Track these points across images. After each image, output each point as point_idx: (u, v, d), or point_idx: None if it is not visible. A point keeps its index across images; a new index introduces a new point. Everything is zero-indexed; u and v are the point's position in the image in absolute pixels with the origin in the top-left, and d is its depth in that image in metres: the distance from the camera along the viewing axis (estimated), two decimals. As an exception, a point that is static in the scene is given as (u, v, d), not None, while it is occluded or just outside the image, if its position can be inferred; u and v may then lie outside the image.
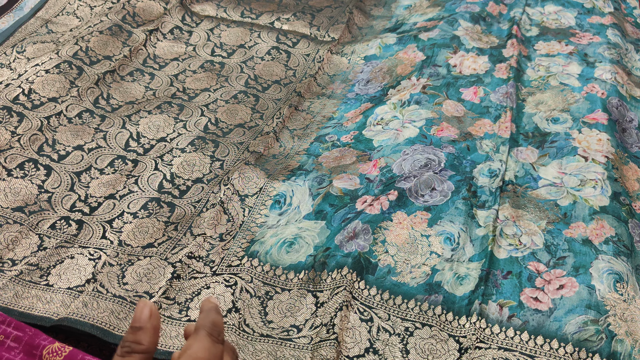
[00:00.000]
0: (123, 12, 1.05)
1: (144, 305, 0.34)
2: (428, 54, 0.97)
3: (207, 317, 0.35)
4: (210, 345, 0.34)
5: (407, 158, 0.75)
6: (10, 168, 0.74)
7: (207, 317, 0.35)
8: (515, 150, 0.79)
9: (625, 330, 0.56)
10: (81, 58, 0.93)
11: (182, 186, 0.75)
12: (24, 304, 0.60)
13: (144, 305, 0.34)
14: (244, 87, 0.95)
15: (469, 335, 0.57)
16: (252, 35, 1.06)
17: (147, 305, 0.34)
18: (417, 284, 0.61)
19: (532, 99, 0.88)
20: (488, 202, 0.70)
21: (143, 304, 0.34)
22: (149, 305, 0.34)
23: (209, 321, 0.35)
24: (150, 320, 0.33)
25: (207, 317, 0.35)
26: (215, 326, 0.35)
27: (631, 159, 0.78)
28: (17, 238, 0.67)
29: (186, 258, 0.65)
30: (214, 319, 0.35)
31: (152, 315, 0.34)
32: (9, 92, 0.83)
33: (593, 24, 1.06)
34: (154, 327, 0.33)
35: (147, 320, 0.33)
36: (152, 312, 0.34)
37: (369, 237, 0.65)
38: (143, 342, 0.33)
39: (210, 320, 0.35)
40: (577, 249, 0.64)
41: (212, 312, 0.36)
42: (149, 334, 0.33)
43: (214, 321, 0.35)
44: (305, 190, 0.74)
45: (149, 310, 0.34)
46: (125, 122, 0.85)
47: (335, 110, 0.90)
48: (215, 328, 0.35)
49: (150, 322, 0.33)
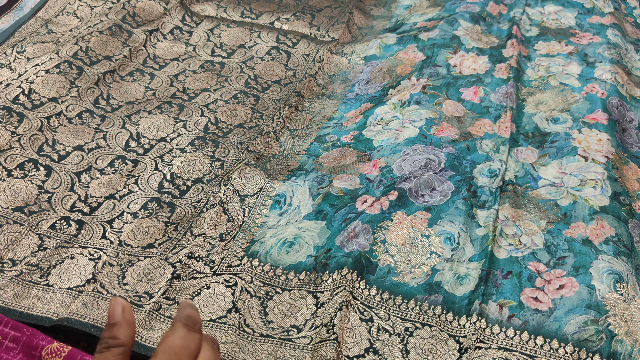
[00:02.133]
0: (123, 12, 1.05)
1: (116, 302, 0.35)
2: (428, 54, 0.97)
3: (182, 312, 0.36)
4: (185, 333, 0.35)
5: (407, 158, 0.75)
6: (10, 168, 0.74)
7: (182, 312, 0.36)
8: (515, 150, 0.79)
9: (625, 330, 0.56)
10: (81, 58, 0.93)
11: (182, 186, 0.75)
12: (24, 304, 0.60)
13: (115, 302, 0.35)
14: (244, 87, 0.95)
15: (469, 335, 0.57)
16: (252, 35, 1.06)
17: (119, 302, 0.35)
18: (417, 284, 0.61)
19: (532, 99, 0.88)
20: (488, 202, 0.70)
21: (115, 301, 0.35)
22: (121, 302, 0.35)
23: (184, 314, 0.36)
24: (124, 314, 0.35)
25: (182, 311, 0.36)
26: (190, 317, 0.36)
27: (631, 159, 0.78)
28: (17, 238, 0.67)
29: (186, 258, 0.65)
30: (189, 312, 0.36)
31: (125, 310, 0.35)
32: (9, 92, 0.83)
33: (593, 24, 1.06)
34: (127, 321, 0.35)
35: (120, 315, 0.35)
36: (124, 308, 0.35)
37: (369, 237, 0.65)
38: (119, 337, 0.34)
39: (185, 314, 0.36)
40: (577, 249, 0.64)
41: (187, 307, 0.37)
42: (124, 328, 0.34)
43: (188, 314, 0.36)
44: (305, 191, 0.74)
45: (121, 306, 0.35)
46: (125, 122, 0.85)
47: (335, 110, 0.90)
48: (190, 319, 0.36)
49: (123, 317, 0.35)
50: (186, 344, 0.35)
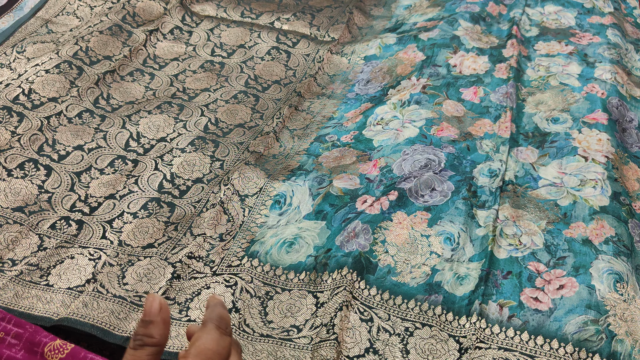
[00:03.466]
0: (123, 12, 1.05)
1: (153, 299, 0.34)
2: (428, 54, 0.97)
3: (213, 311, 0.35)
4: (219, 337, 0.34)
5: (407, 158, 0.75)
6: (11, 168, 0.74)
7: (213, 311, 0.35)
8: (515, 150, 0.79)
9: (625, 330, 0.56)
10: (81, 58, 0.93)
11: (182, 186, 0.75)
12: (24, 304, 0.60)
13: (153, 299, 0.34)
14: (244, 87, 0.95)
15: (469, 335, 0.57)
16: (252, 35, 1.06)
17: (157, 299, 0.34)
18: (417, 284, 0.61)
19: (532, 99, 0.88)
20: (488, 202, 0.70)
21: (152, 298, 0.34)
22: (158, 299, 0.34)
23: (216, 314, 0.35)
24: (160, 313, 0.34)
25: (213, 311, 0.36)
26: (222, 319, 0.35)
27: (631, 158, 0.78)
28: (17, 238, 0.67)
29: (186, 258, 0.65)
30: (220, 312, 0.36)
31: (162, 309, 0.34)
32: (9, 92, 0.83)
33: (593, 24, 1.06)
34: (164, 320, 0.34)
35: (157, 314, 0.34)
36: (161, 306, 0.34)
37: (369, 237, 0.65)
38: (154, 336, 0.33)
39: (217, 314, 0.36)
40: (577, 249, 0.64)
41: (218, 307, 0.36)
42: (160, 327, 0.34)
43: (220, 314, 0.36)
44: (305, 190, 0.73)
45: (159, 303, 0.34)
46: (125, 122, 0.85)
47: (335, 110, 0.90)
48: (223, 321, 0.35)
49: (160, 316, 0.34)
50: (219, 349, 0.34)
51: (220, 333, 0.35)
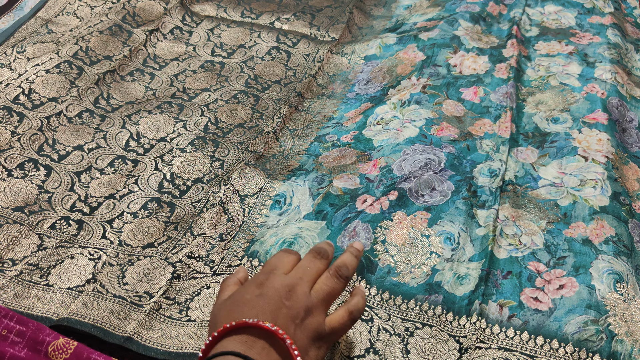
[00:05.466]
0: (123, 12, 1.05)
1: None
2: (428, 53, 0.97)
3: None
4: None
5: (407, 158, 0.75)
6: (10, 168, 0.74)
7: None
8: (515, 150, 0.79)
9: (625, 330, 0.56)
10: (81, 58, 0.93)
11: (182, 186, 0.75)
12: (24, 304, 0.60)
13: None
14: (244, 87, 0.95)
15: (469, 335, 0.57)
16: (252, 35, 1.06)
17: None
18: (417, 284, 0.61)
19: (532, 99, 0.88)
20: (488, 202, 0.70)
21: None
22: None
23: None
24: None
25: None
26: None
27: (631, 159, 0.78)
28: (17, 238, 0.67)
29: (186, 258, 0.65)
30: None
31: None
32: (9, 92, 0.83)
33: (593, 24, 1.06)
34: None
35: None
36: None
37: (370, 236, 0.65)
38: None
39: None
40: (577, 249, 0.64)
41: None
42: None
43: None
44: (305, 190, 0.74)
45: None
46: (125, 122, 0.85)
47: (335, 110, 0.90)
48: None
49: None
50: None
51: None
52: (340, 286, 0.49)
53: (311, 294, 0.47)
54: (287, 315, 0.44)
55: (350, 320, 0.49)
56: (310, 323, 0.45)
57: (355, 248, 0.53)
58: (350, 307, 0.49)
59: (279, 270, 0.48)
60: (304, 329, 0.44)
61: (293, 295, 0.45)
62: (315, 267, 0.49)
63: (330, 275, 0.49)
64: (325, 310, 0.47)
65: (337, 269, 0.50)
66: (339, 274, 0.49)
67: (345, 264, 0.51)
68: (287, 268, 0.49)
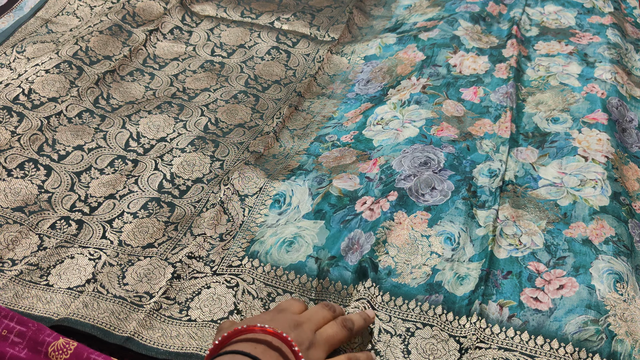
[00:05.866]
0: (123, 12, 1.05)
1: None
2: (428, 53, 0.97)
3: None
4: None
5: (407, 155, 0.75)
6: (10, 168, 0.74)
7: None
8: (515, 150, 0.79)
9: (625, 330, 0.56)
10: (81, 58, 0.93)
11: (182, 186, 0.75)
12: (24, 304, 0.60)
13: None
14: (244, 87, 0.95)
15: (469, 335, 0.57)
16: (252, 35, 1.06)
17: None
18: (418, 284, 0.61)
19: (532, 99, 0.88)
20: (488, 202, 0.70)
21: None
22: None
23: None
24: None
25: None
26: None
27: (631, 158, 0.78)
28: (17, 238, 0.67)
29: (186, 258, 0.65)
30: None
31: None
32: (9, 92, 0.83)
33: (593, 24, 1.06)
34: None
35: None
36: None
37: (371, 239, 0.65)
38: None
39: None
40: (577, 249, 0.64)
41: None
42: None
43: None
44: (305, 190, 0.73)
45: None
46: (125, 122, 0.85)
47: (335, 110, 0.90)
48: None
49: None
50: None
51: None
52: (344, 335, 0.52)
53: (316, 333, 0.50)
54: (293, 339, 0.46)
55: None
56: (312, 354, 0.47)
57: (367, 314, 0.57)
58: (351, 356, 0.51)
59: (289, 311, 0.52)
60: (307, 356, 0.46)
61: (300, 328, 0.49)
62: (322, 314, 0.53)
63: (336, 323, 0.52)
64: (326, 352, 0.49)
65: (343, 320, 0.53)
66: (344, 324, 0.52)
67: (352, 319, 0.54)
68: (297, 311, 0.53)
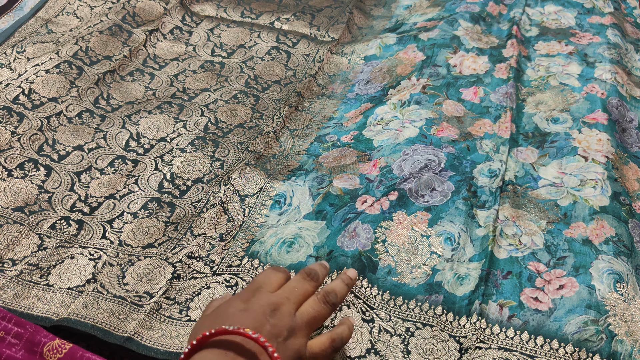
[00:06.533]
0: (123, 12, 1.05)
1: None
2: (428, 54, 0.97)
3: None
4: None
5: (407, 159, 0.75)
6: (10, 168, 0.74)
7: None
8: (515, 150, 0.79)
9: (625, 330, 0.56)
10: (81, 58, 0.93)
11: (182, 186, 0.75)
12: (24, 304, 0.60)
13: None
14: (244, 87, 0.95)
15: (469, 335, 0.57)
16: (252, 35, 1.06)
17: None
18: (418, 284, 0.61)
19: (532, 99, 0.89)
20: (488, 202, 0.70)
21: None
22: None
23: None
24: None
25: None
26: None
27: (631, 158, 0.78)
28: (17, 238, 0.67)
29: (186, 258, 0.65)
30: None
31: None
32: (9, 92, 0.83)
33: (593, 24, 1.06)
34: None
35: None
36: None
37: (370, 236, 0.65)
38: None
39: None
40: (577, 249, 0.64)
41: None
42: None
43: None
44: (305, 190, 0.74)
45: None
46: (125, 122, 0.85)
47: (335, 110, 0.90)
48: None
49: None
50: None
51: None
52: (327, 312, 0.48)
53: (296, 315, 0.46)
54: (269, 332, 0.43)
55: (331, 348, 0.48)
56: (292, 344, 0.44)
57: (348, 276, 0.53)
58: (333, 335, 0.49)
59: (265, 288, 0.48)
60: (285, 348, 0.43)
61: (277, 313, 0.45)
62: (303, 289, 0.49)
63: (318, 300, 0.49)
64: (308, 334, 0.47)
65: (325, 294, 0.49)
66: (327, 300, 0.49)
67: (335, 290, 0.50)
68: (274, 286, 0.49)
